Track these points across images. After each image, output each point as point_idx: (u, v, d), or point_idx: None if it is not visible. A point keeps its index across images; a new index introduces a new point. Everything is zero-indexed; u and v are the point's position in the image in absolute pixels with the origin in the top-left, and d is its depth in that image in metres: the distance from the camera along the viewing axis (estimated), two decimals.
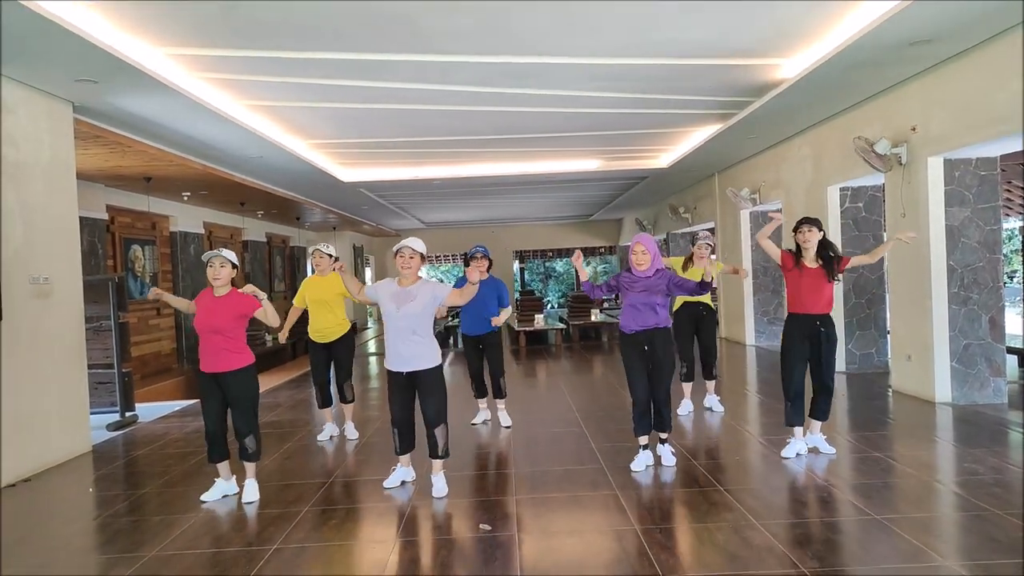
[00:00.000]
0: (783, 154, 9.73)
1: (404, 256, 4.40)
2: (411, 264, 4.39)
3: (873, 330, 8.51)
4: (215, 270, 4.39)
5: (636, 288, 4.75)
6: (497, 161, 11.10)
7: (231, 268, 4.46)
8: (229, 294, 4.44)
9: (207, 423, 4.51)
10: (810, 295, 4.85)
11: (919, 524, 3.68)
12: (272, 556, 3.62)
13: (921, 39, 5.49)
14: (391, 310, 4.36)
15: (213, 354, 4.39)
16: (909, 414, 6.28)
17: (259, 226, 15.62)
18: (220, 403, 4.48)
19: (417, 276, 4.46)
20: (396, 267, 4.45)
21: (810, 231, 4.83)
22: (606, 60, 6.00)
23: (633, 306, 4.76)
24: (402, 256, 4.40)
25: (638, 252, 4.75)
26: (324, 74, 6.09)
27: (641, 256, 4.74)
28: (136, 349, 10.37)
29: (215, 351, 4.38)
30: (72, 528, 4.31)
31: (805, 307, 4.87)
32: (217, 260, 4.40)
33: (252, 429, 4.54)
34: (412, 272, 4.42)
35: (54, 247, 5.86)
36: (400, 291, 4.40)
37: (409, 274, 4.41)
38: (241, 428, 4.50)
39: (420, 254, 4.43)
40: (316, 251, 6.03)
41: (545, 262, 30.65)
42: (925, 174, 6.53)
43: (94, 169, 8.51)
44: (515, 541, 3.69)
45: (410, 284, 4.42)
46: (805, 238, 4.84)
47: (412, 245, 4.42)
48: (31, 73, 5.32)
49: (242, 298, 4.44)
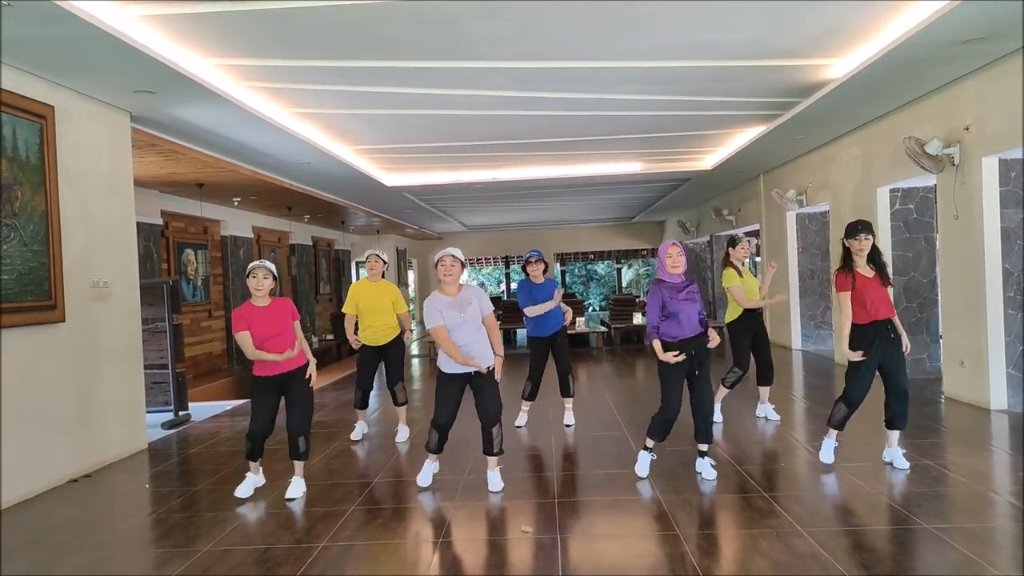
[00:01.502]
0: (831, 155, 9.55)
1: (446, 264, 4.52)
2: (452, 272, 4.51)
3: (925, 335, 8.29)
4: (258, 281, 4.52)
5: (679, 296, 4.64)
6: (538, 164, 11.14)
7: (272, 280, 4.59)
8: (273, 302, 4.59)
9: (258, 425, 4.60)
10: (876, 302, 4.61)
11: (971, 534, 3.59)
12: (320, 553, 3.71)
13: (975, 37, 5.35)
14: (456, 319, 4.47)
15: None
16: (962, 421, 6.11)
17: (305, 230, 15.94)
18: (274, 406, 4.61)
19: (459, 283, 4.58)
20: (438, 275, 4.55)
21: (867, 239, 4.62)
22: (647, 63, 5.98)
23: (678, 314, 4.61)
24: (443, 264, 4.52)
25: (673, 254, 4.65)
26: (369, 82, 6.21)
27: (677, 258, 4.65)
28: (188, 350, 10.68)
29: (278, 353, 4.51)
30: (130, 523, 4.49)
31: (874, 314, 4.61)
32: (261, 271, 4.53)
33: (306, 429, 4.67)
34: (454, 279, 4.53)
35: (113, 251, 6.09)
36: (453, 300, 4.52)
37: (451, 281, 4.52)
38: (298, 427, 4.62)
39: (460, 262, 4.55)
40: (373, 256, 6.07)
41: (587, 265, 30.55)
42: (979, 175, 6.35)
43: (149, 176, 8.81)
44: (557, 543, 3.71)
45: (456, 292, 4.54)
46: (862, 245, 4.62)
47: (453, 253, 4.54)
48: (92, 85, 5.55)
49: (285, 303, 4.65)
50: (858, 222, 4.72)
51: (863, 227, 4.66)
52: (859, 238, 4.64)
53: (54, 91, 5.36)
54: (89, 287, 5.73)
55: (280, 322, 4.55)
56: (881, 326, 4.63)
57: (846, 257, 4.73)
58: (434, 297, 4.57)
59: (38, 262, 5.12)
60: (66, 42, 4.62)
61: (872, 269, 4.67)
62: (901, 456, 4.78)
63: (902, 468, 4.71)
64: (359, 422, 6.44)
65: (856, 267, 4.68)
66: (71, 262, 5.49)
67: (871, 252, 4.66)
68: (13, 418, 4.87)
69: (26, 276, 5.00)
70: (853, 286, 4.64)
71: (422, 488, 4.74)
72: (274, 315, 4.55)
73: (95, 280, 5.81)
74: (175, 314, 7.92)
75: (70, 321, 5.44)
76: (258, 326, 4.50)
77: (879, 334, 4.62)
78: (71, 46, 4.69)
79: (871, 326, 4.63)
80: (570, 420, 6.52)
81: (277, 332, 4.54)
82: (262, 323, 4.51)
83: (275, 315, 4.56)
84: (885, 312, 4.63)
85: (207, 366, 11.82)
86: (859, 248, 4.65)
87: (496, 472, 4.71)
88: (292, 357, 4.56)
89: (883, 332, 4.63)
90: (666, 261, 4.69)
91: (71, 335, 5.48)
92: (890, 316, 4.67)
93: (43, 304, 5.16)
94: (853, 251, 4.68)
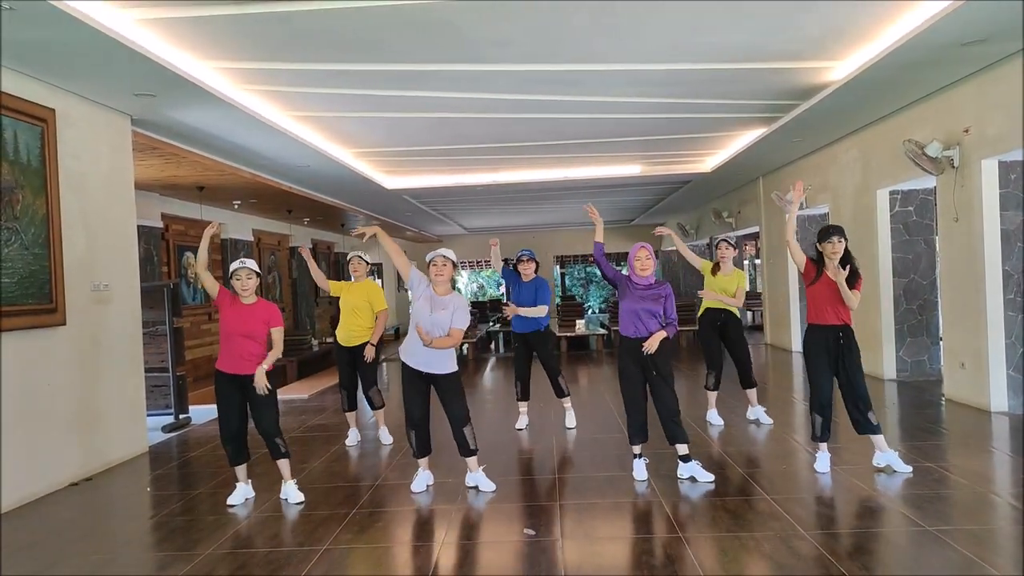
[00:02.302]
0: (831, 157, 9.56)
1: (437, 264, 4.59)
2: (443, 272, 4.58)
3: (925, 336, 8.30)
4: (243, 283, 4.51)
5: (635, 294, 4.70)
6: (538, 167, 11.15)
7: (256, 278, 4.59)
8: (257, 302, 4.59)
9: (230, 424, 4.55)
10: (830, 306, 4.67)
11: (972, 536, 3.59)
12: (322, 556, 3.71)
13: (975, 39, 5.37)
14: (423, 310, 4.51)
15: (241, 357, 4.50)
16: (963, 423, 6.11)
17: (305, 233, 15.95)
18: (239, 405, 4.59)
19: (449, 285, 4.64)
20: (430, 275, 4.61)
21: (840, 242, 4.64)
22: (648, 66, 5.99)
23: (634, 312, 4.69)
24: (435, 265, 4.59)
25: (642, 257, 4.69)
26: (369, 85, 6.22)
27: (645, 261, 4.69)
28: (189, 353, 10.68)
29: (244, 354, 4.50)
30: (131, 526, 4.48)
31: (825, 318, 4.70)
32: (243, 272, 4.52)
33: (277, 429, 4.66)
34: (445, 279, 4.60)
35: (113, 255, 6.09)
36: (435, 297, 4.57)
37: (442, 281, 4.59)
38: (270, 429, 4.60)
39: (452, 262, 4.63)
40: (356, 257, 6.13)
41: (587, 267, 30.57)
42: (979, 177, 6.36)
43: (150, 179, 8.82)
44: (558, 546, 3.71)
45: (443, 294, 4.58)
46: (835, 249, 4.64)
47: (445, 254, 4.60)
48: (93, 88, 5.56)
49: (269, 307, 4.63)
50: (830, 226, 4.76)
51: (836, 231, 4.70)
52: (832, 241, 4.67)
53: (55, 94, 5.37)
54: (90, 290, 5.73)
55: (252, 325, 4.51)
56: (831, 332, 4.69)
57: (819, 261, 4.78)
58: (425, 279, 4.62)
59: (39, 265, 5.12)
60: (67, 45, 4.62)
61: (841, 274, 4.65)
62: (898, 459, 4.72)
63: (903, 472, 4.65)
64: (351, 429, 6.38)
65: (826, 269, 4.70)
66: (72, 265, 5.49)
67: (844, 256, 4.66)
68: (14, 420, 4.87)
69: (27, 279, 5.00)
70: (813, 280, 4.72)
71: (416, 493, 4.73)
72: (249, 316, 4.52)
73: (96, 283, 5.81)
74: (175, 317, 7.92)
75: (71, 324, 5.44)
76: (232, 319, 4.49)
77: (830, 339, 4.69)
78: (72, 49, 4.70)
79: (819, 329, 4.72)
80: (571, 422, 6.52)
81: (246, 333, 4.49)
82: (235, 319, 4.49)
83: (250, 317, 4.52)
84: (833, 318, 4.68)
85: (207, 369, 11.81)
86: (832, 251, 4.67)
87: (481, 473, 4.75)
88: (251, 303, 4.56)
89: (833, 338, 4.69)
90: (634, 264, 4.72)
91: (72, 338, 5.48)
92: (842, 323, 4.69)
93: (44, 307, 5.16)
94: (825, 254, 4.71)
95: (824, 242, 4.71)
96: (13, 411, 4.86)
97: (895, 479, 4.59)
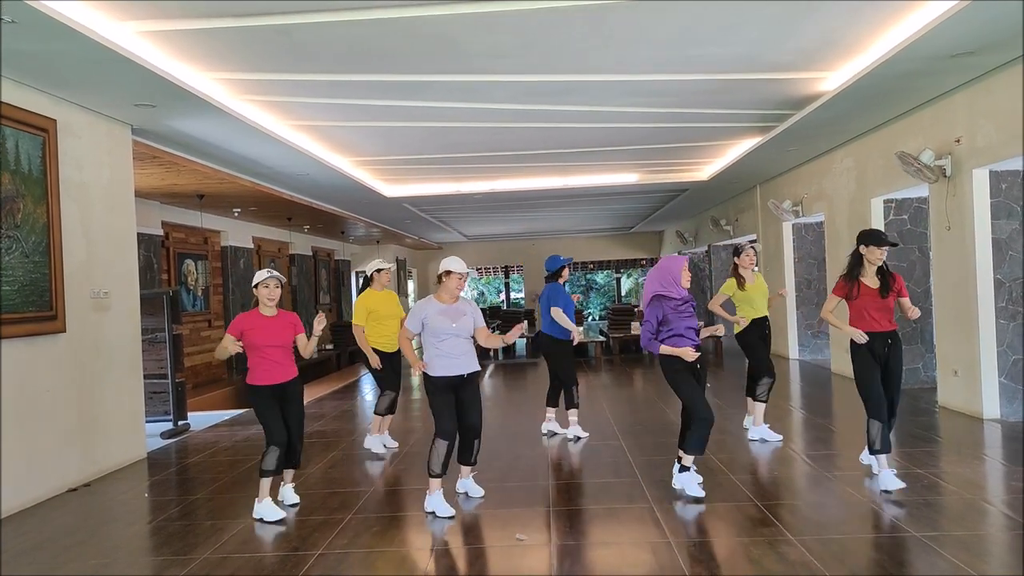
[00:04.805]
0: (826, 166, 9.63)
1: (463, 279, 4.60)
2: (462, 285, 4.63)
3: (919, 344, 8.34)
4: (271, 291, 4.57)
5: (683, 312, 4.61)
6: (536, 176, 11.22)
7: (281, 289, 4.67)
8: (280, 314, 4.66)
9: (282, 432, 4.52)
10: (878, 313, 4.61)
11: (961, 542, 3.63)
12: (317, 561, 3.75)
13: (964, 51, 5.43)
14: (446, 325, 4.50)
15: (276, 366, 4.56)
16: (956, 431, 6.15)
17: (305, 240, 16.01)
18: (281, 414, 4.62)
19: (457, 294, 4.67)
20: (449, 287, 4.56)
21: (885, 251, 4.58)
22: (644, 76, 6.06)
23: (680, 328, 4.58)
24: (461, 278, 4.58)
25: (687, 269, 4.65)
26: (368, 95, 6.29)
27: (687, 272, 4.66)
28: (188, 360, 10.72)
29: (277, 364, 4.56)
30: (129, 531, 4.53)
31: (874, 326, 4.60)
32: (272, 281, 4.59)
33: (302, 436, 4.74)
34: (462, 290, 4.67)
35: (113, 262, 6.15)
36: (447, 308, 4.56)
37: (458, 293, 4.64)
38: (300, 435, 4.69)
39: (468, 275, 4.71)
40: (383, 270, 6.14)
41: (586, 274, 30.64)
42: (971, 186, 6.42)
43: (150, 187, 8.89)
44: (550, 552, 3.76)
45: (453, 301, 4.61)
46: (881, 256, 4.57)
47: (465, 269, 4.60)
48: (94, 99, 5.63)
49: (291, 315, 4.74)
50: (883, 232, 4.64)
51: (887, 240, 4.61)
52: (884, 249, 4.57)
53: (56, 105, 5.44)
54: (90, 297, 5.79)
55: (282, 334, 4.60)
56: (880, 338, 4.64)
57: (856, 264, 4.67)
58: (428, 301, 4.64)
59: (39, 273, 5.18)
60: (68, 57, 4.69)
61: (878, 280, 4.65)
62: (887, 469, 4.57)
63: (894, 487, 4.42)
64: (380, 434, 6.17)
65: (863, 277, 4.64)
66: (72, 273, 5.55)
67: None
68: (14, 427, 4.92)
69: (27, 287, 5.06)
70: (853, 295, 4.64)
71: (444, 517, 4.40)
72: (278, 326, 4.61)
73: (96, 290, 5.86)
74: (175, 324, 7.97)
75: (71, 331, 5.49)
76: (260, 334, 4.54)
77: (878, 345, 4.63)
78: (73, 61, 4.77)
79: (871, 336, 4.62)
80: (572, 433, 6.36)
81: (279, 344, 4.58)
82: (265, 331, 4.55)
83: (279, 326, 4.61)
84: (884, 325, 4.64)
85: (206, 376, 11.86)
86: (877, 258, 4.59)
87: (470, 479, 4.80)
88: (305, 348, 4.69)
89: (882, 343, 4.64)
90: (681, 276, 4.63)
91: (72, 345, 5.53)
92: (890, 329, 4.66)
93: (44, 315, 5.21)
94: (869, 260, 4.61)
95: (876, 246, 4.58)
96: (13, 417, 4.91)
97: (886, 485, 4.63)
